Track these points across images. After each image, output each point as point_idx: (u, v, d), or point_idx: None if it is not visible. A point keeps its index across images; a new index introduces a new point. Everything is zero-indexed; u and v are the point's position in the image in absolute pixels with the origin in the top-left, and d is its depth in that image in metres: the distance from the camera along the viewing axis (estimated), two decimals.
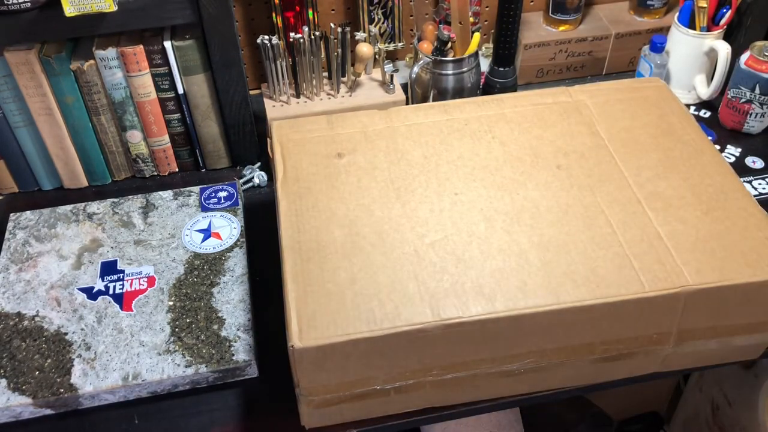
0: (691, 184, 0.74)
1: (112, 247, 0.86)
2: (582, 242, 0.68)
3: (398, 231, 0.69)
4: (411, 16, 1.13)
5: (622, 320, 0.66)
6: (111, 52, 0.88)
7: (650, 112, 0.83)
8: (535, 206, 0.71)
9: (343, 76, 1.03)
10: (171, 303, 0.79)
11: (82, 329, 0.77)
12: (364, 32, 1.07)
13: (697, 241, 0.68)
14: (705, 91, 1.09)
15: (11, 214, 0.90)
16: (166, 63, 0.91)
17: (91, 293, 0.81)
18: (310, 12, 1.03)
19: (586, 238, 0.68)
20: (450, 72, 0.99)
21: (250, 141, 1.01)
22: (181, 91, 0.94)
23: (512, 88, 1.05)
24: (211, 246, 0.86)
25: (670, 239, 0.68)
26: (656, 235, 0.68)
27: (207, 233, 0.87)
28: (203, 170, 1.04)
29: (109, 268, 0.83)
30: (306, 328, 0.61)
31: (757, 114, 1.03)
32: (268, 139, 0.87)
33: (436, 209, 0.71)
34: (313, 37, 0.97)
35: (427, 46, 1.00)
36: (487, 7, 1.15)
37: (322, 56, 1.01)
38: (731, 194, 0.73)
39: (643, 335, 0.68)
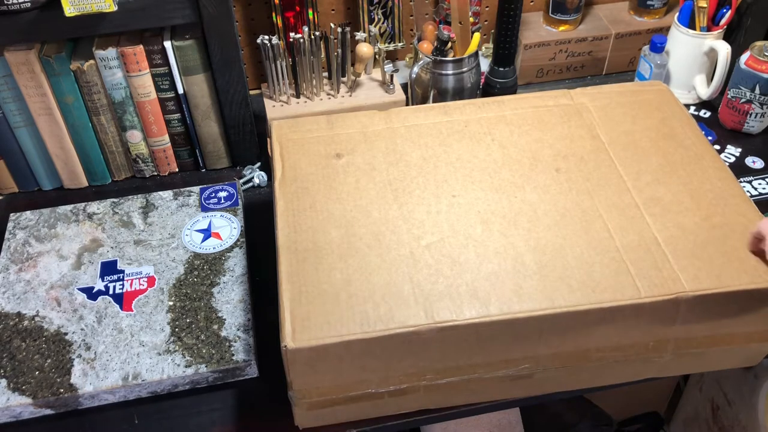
0: (691, 189, 0.73)
1: (112, 247, 0.86)
2: (579, 246, 0.67)
3: (395, 233, 0.69)
4: (411, 16, 1.13)
5: (618, 326, 0.65)
6: (111, 52, 0.88)
7: (652, 115, 0.83)
8: (532, 209, 0.71)
9: (343, 76, 1.03)
10: (171, 303, 0.80)
11: (82, 329, 0.77)
12: (364, 32, 1.07)
13: (695, 247, 0.67)
14: (705, 91, 1.09)
15: (11, 214, 0.91)
16: (166, 63, 0.91)
17: (91, 293, 0.81)
18: (310, 12, 1.03)
19: (583, 242, 0.68)
20: (450, 72, 0.98)
21: (250, 141, 1.01)
22: (181, 91, 0.94)
23: (512, 88, 1.05)
24: (211, 246, 0.86)
25: (668, 245, 0.68)
26: (654, 241, 0.68)
27: (207, 233, 0.88)
28: (203, 170, 1.04)
29: (109, 268, 0.84)
30: (299, 328, 0.61)
31: (757, 114, 1.03)
32: (268, 139, 0.87)
33: (433, 211, 0.71)
34: (313, 37, 0.97)
35: (427, 46, 1.00)
36: (487, 7, 1.15)
37: (322, 56, 1.01)
38: (731, 200, 0.72)
39: (640, 343, 0.68)
